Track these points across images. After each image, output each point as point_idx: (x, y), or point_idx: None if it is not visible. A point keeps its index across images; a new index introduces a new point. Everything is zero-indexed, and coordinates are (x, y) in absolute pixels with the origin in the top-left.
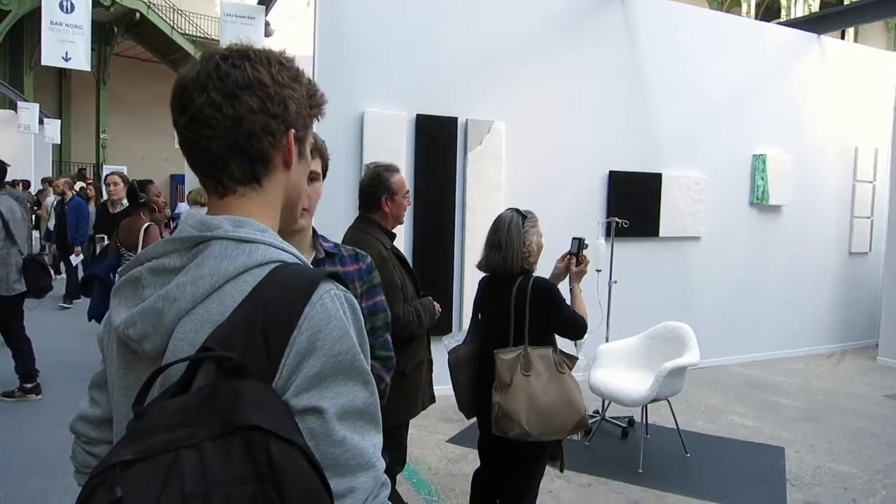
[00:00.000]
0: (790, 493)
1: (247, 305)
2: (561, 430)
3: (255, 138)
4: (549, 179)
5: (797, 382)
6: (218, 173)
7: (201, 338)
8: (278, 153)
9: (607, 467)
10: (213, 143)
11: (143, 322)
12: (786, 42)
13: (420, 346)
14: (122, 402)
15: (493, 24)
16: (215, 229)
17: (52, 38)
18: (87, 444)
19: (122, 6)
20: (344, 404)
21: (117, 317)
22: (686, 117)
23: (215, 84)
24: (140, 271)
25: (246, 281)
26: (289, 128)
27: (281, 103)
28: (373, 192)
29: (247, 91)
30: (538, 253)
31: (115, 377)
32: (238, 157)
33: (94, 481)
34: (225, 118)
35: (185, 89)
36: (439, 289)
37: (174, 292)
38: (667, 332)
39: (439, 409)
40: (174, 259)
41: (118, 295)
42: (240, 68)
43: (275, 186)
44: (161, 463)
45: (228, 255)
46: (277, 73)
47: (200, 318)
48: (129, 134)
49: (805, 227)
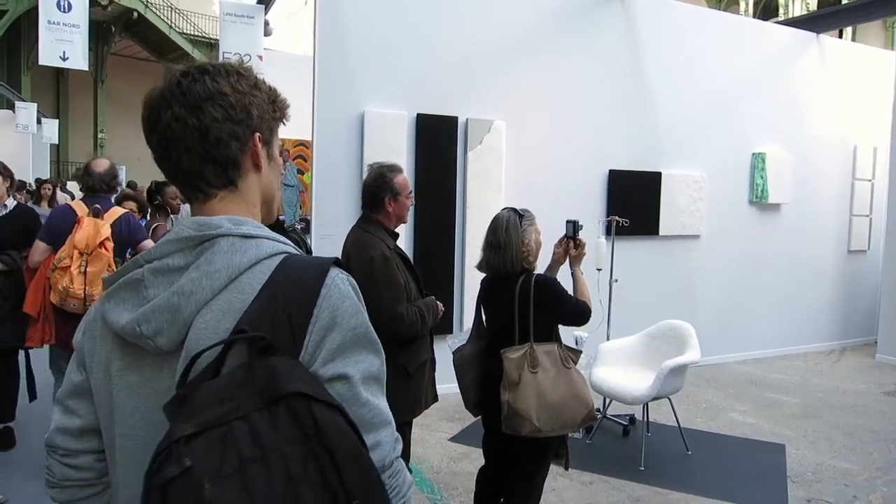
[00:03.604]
0: (791, 490)
1: (267, 292)
2: (571, 425)
3: (222, 145)
4: (549, 178)
5: (797, 380)
6: (196, 182)
7: (224, 325)
8: (247, 156)
9: (609, 465)
10: (185, 157)
11: (157, 318)
12: (784, 41)
13: (423, 346)
14: (124, 403)
15: (493, 22)
16: (217, 228)
17: (49, 37)
18: (65, 457)
19: (120, 5)
20: (364, 370)
21: (118, 318)
22: (685, 116)
23: (178, 99)
24: (141, 273)
25: (260, 271)
26: (253, 132)
27: (243, 109)
28: (376, 192)
29: (209, 102)
30: (537, 251)
31: (115, 380)
32: (210, 165)
33: (160, 457)
34: (192, 130)
35: (152, 108)
36: (440, 288)
37: (189, 287)
38: (667, 331)
39: (441, 408)
40: (178, 258)
41: (113, 298)
42: (200, 82)
43: (249, 187)
44: (217, 434)
45: (238, 249)
46: (237, 83)
47: (221, 307)
48: (127, 133)
49: (804, 225)
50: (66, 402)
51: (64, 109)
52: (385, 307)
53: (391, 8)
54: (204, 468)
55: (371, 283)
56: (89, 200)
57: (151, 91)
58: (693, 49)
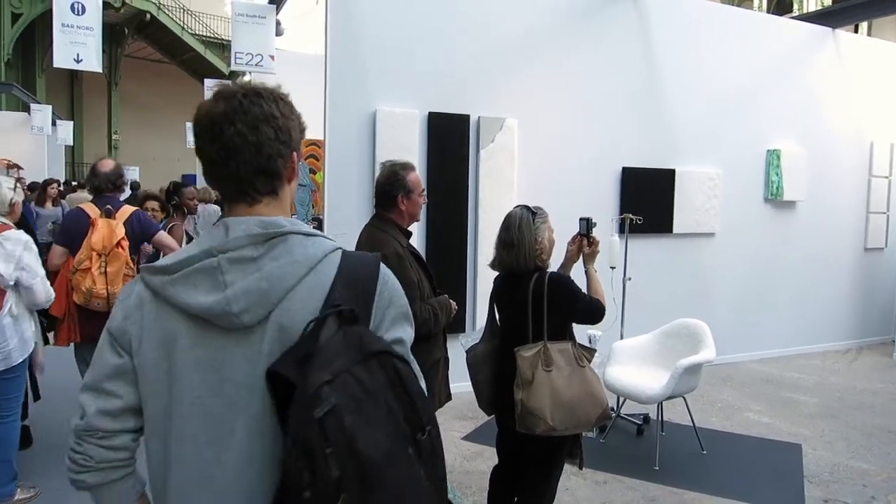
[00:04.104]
0: (808, 491)
1: (342, 278)
2: (585, 423)
3: (271, 160)
4: (561, 176)
5: (813, 379)
6: (246, 189)
7: (312, 304)
8: (286, 170)
9: (623, 464)
10: (241, 167)
11: (246, 299)
12: (800, 36)
13: (436, 344)
14: (189, 375)
15: (505, 20)
16: (282, 227)
17: (63, 40)
18: (103, 439)
19: (133, 7)
20: (409, 335)
21: (194, 299)
22: (699, 112)
23: (240, 118)
24: (217, 261)
25: (330, 262)
26: (292, 150)
27: (287, 131)
28: (389, 190)
29: (264, 122)
30: (550, 249)
31: (179, 355)
32: (261, 176)
33: (305, 400)
34: (250, 145)
35: (215, 122)
36: (452, 287)
37: (278, 273)
38: (682, 329)
39: (454, 407)
40: (250, 251)
41: (182, 283)
42: (257, 105)
43: (285, 195)
44: (340, 381)
45: (309, 244)
46: (283, 108)
47: (307, 290)
48: (141, 134)
49: (820, 222)
50: (102, 385)
51: (78, 111)
52: None
53: (403, 7)
54: (341, 404)
55: None
56: (99, 201)
57: (212, 106)
58: (707, 45)
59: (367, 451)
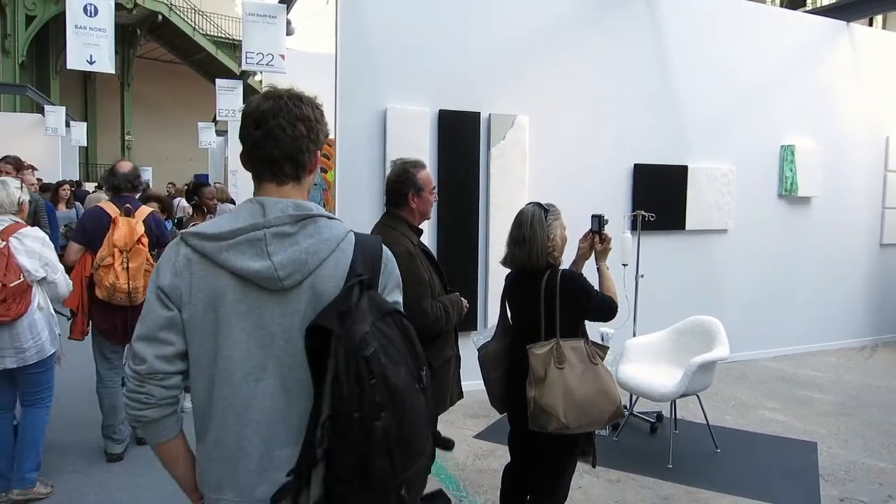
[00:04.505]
0: (824, 489)
1: (358, 254)
2: (598, 421)
3: (300, 153)
4: (573, 173)
5: (829, 376)
6: (276, 171)
7: (340, 273)
8: (310, 163)
9: (636, 463)
10: (276, 152)
11: (291, 266)
12: (814, 30)
13: (448, 342)
14: (235, 325)
15: (515, 16)
16: (311, 210)
17: (76, 41)
18: (163, 380)
19: (145, 8)
20: (401, 298)
21: (244, 264)
22: (712, 108)
23: (283, 114)
24: (263, 234)
25: (348, 241)
26: (317, 148)
27: (316, 132)
28: (400, 188)
29: (301, 122)
30: (563, 246)
31: (227, 308)
32: (290, 162)
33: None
34: (287, 136)
35: (264, 114)
36: (464, 285)
37: (314, 248)
38: (695, 327)
39: (466, 405)
40: (288, 228)
41: (233, 250)
42: (297, 107)
43: (306, 183)
44: (373, 331)
45: (332, 226)
46: (316, 113)
47: (335, 262)
48: (153, 135)
49: (835, 218)
50: (157, 335)
51: (92, 112)
52: (409, 303)
53: (413, 4)
54: (378, 348)
55: None
56: (118, 201)
57: (262, 102)
58: (720, 40)
59: (395, 383)
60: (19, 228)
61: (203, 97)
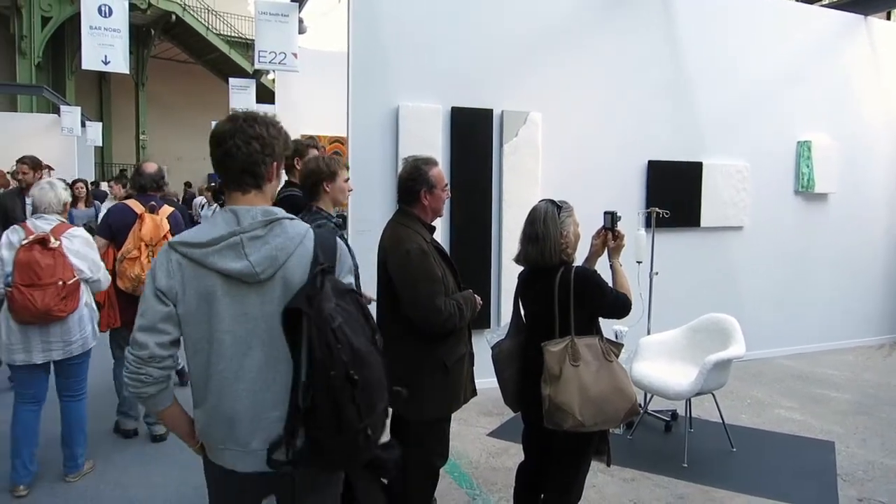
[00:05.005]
0: (842, 489)
1: (318, 246)
2: (614, 419)
3: (257, 166)
4: (586, 170)
5: (846, 375)
6: (239, 182)
7: (304, 264)
8: (269, 172)
9: (651, 461)
10: (236, 167)
11: (266, 263)
12: (831, 24)
13: (461, 340)
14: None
15: (528, 13)
16: (276, 214)
17: (91, 42)
18: (160, 363)
19: (159, 9)
20: (353, 279)
21: (228, 264)
22: (727, 104)
23: (239, 135)
24: (239, 239)
25: (309, 236)
26: (273, 161)
27: (271, 147)
28: (412, 185)
29: (255, 140)
30: (576, 243)
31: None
32: (249, 175)
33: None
34: (242, 154)
35: (223, 135)
36: (476, 283)
37: (283, 245)
38: (710, 324)
39: (479, 403)
40: (259, 231)
41: (217, 254)
42: (252, 127)
43: (268, 190)
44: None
45: (295, 226)
46: (270, 130)
47: (300, 256)
48: (167, 134)
49: (853, 215)
50: (156, 326)
51: (107, 112)
52: (422, 300)
53: (424, 2)
54: (342, 321)
55: (408, 276)
56: (143, 199)
57: (222, 125)
58: (734, 35)
59: (358, 346)
60: (67, 229)
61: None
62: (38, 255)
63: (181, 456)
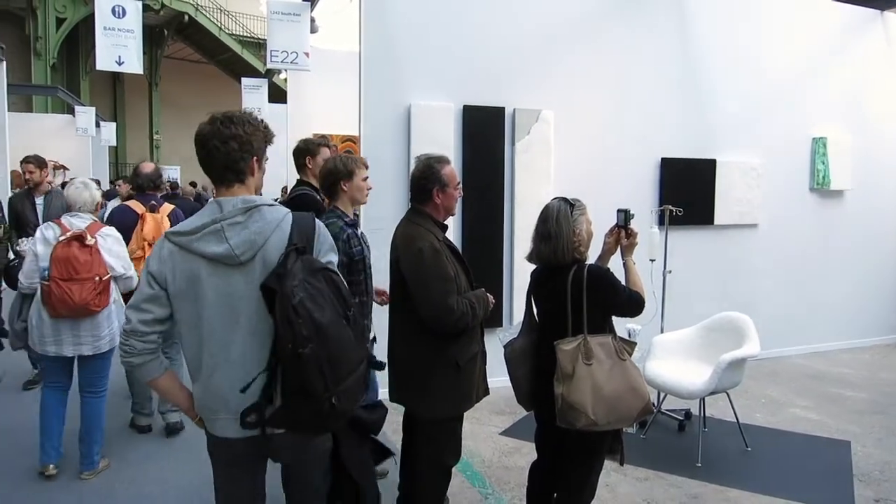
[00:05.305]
0: (858, 489)
1: (295, 229)
2: (627, 418)
3: (236, 162)
4: (599, 168)
5: (863, 374)
6: (223, 177)
7: (280, 245)
8: (249, 167)
9: (664, 461)
10: (218, 164)
11: (245, 246)
12: (846, 19)
13: (474, 338)
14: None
15: (540, 10)
16: (255, 202)
17: (105, 42)
18: (141, 336)
19: (172, 9)
20: (335, 258)
21: (211, 249)
22: (741, 100)
23: (216, 136)
24: (220, 226)
25: (286, 220)
26: (252, 156)
27: (248, 144)
28: (424, 183)
29: (232, 139)
30: (589, 241)
31: (203, 282)
32: (230, 171)
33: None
34: (222, 153)
35: (204, 137)
36: (489, 281)
37: (261, 229)
38: (725, 323)
39: (492, 402)
40: (239, 217)
41: (202, 240)
42: (228, 128)
43: (251, 182)
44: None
45: (273, 211)
46: (246, 128)
47: (277, 238)
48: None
49: (869, 212)
50: (141, 305)
51: (121, 112)
52: (435, 299)
53: (436, 0)
54: (304, 297)
55: (420, 275)
56: (143, 199)
57: (202, 127)
58: (748, 30)
59: (319, 320)
60: (100, 227)
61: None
62: (77, 251)
63: (195, 452)
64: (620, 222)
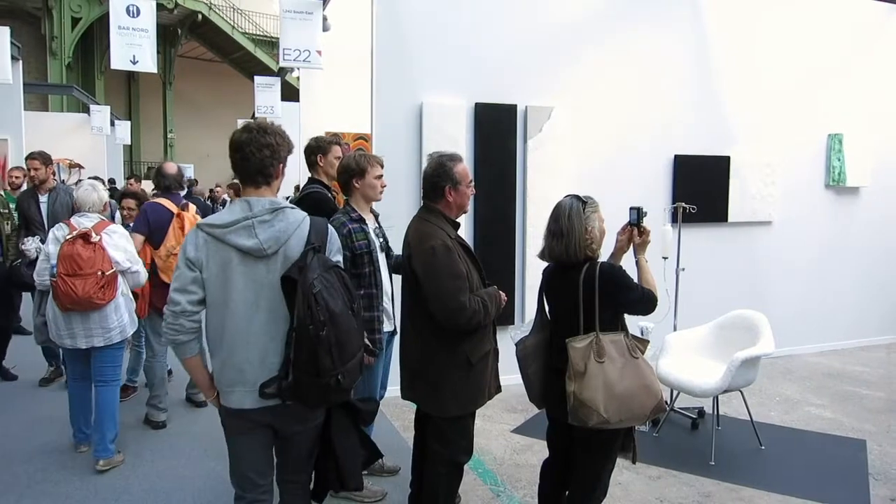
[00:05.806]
0: (873, 489)
1: (312, 231)
2: (640, 416)
3: (267, 167)
4: (612, 165)
5: (879, 372)
6: (253, 180)
7: (301, 243)
8: (276, 172)
9: (677, 459)
10: (250, 169)
11: (273, 241)
12: (863, 15)
13: (486, 336)
14: (237, 280)
15: (551, 7)
16: (281, 204)
17: (120, 42)
18: (190, 316)
19: (185, 8)
20: (341, 257)
21: (242, 242)
22: (755, 96)
23: (252, 143)
24: (251, 222)
25: (305, 223)
26: (280, 163)
27: (278, 153)
28: (437, 181)
29: (266, 147)
30: (601, 239)
31: (233, 269)
32: (261, 175)
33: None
34: (256, 159)
35: (240, 143)
36: (501, 278)
37: (286, 228)
38: (738, 321)
39: (503, 399)
40: (267, 216)
41: (234, 233)
42: (263, 137)
43: (275, 185)
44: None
45: (294, 214)
46: (276, 138)
47: (297, 237)
48: (194, 132)
49: (885, 209)
50: (187, 287)
51: (135, 111)
52: (446, 297)
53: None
54: (321, 288)
55: (432, 272)
56: (173, 198)
57: (240, 134)
58: (763, 27)
59: (333, 308)
60: (107, 225)
61: (242, 95)
62: (80, 248)
63: (210, 448)
64: (633, 220)
